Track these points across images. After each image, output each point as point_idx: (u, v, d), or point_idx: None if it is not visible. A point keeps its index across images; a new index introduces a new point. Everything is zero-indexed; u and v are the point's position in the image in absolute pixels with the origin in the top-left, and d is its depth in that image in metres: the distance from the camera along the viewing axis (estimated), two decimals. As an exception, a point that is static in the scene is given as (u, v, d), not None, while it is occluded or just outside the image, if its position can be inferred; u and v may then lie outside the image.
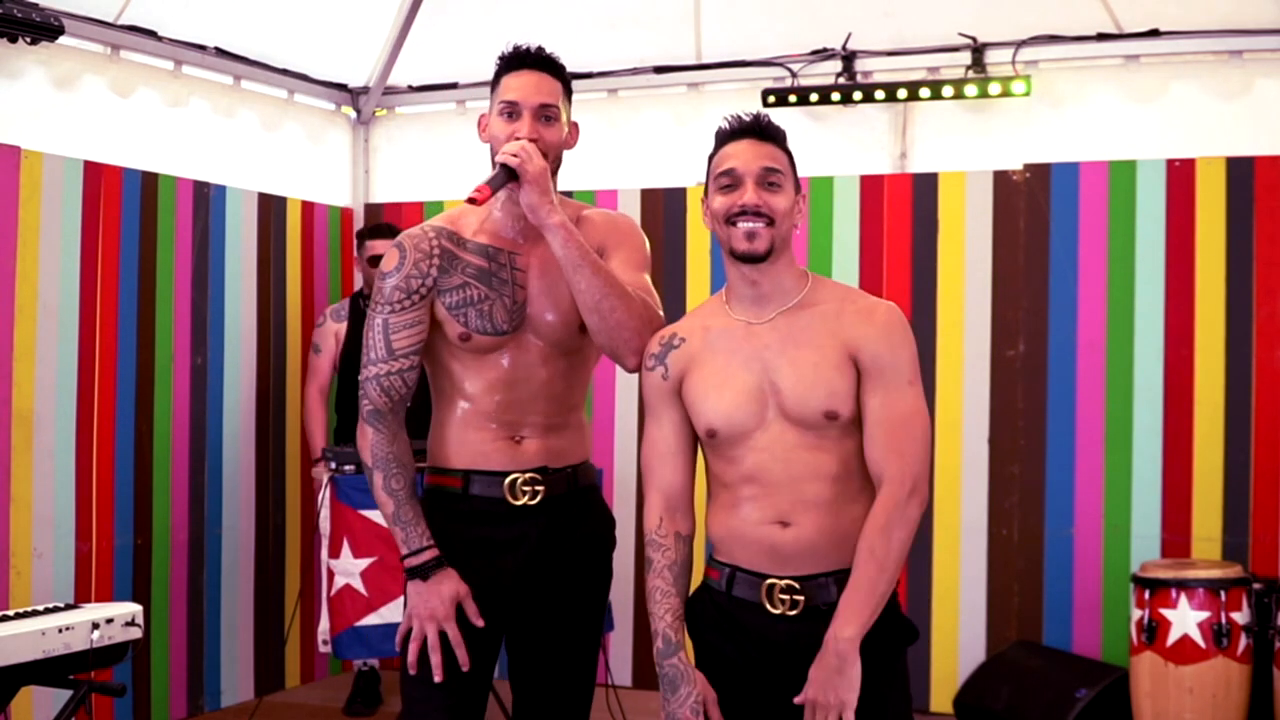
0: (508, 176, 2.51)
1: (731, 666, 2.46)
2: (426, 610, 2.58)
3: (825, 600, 2.38)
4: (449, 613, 2.58)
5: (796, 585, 2.38)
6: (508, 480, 2.65)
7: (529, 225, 2.60)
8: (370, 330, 2.63)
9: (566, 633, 2.73)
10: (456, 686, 2.62)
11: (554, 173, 2.62)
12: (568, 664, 2.73)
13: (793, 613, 2.39)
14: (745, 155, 2.47)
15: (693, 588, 2.57)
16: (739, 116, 2.52)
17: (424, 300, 2.62)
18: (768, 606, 2.40)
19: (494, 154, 2.60)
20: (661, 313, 2.61)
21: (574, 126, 2.70)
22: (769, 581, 2.40)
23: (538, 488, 2.66)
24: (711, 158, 2.55)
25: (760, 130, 2.48)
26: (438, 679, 2.58)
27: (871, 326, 2.41)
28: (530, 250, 2.65)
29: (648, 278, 2.67)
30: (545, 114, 2.61)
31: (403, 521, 2.61)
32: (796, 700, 2.35)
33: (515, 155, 2.50)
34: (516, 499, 2.65)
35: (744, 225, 2.42)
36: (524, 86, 2.60)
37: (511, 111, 2.60)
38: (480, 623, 2.59)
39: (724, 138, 2.53)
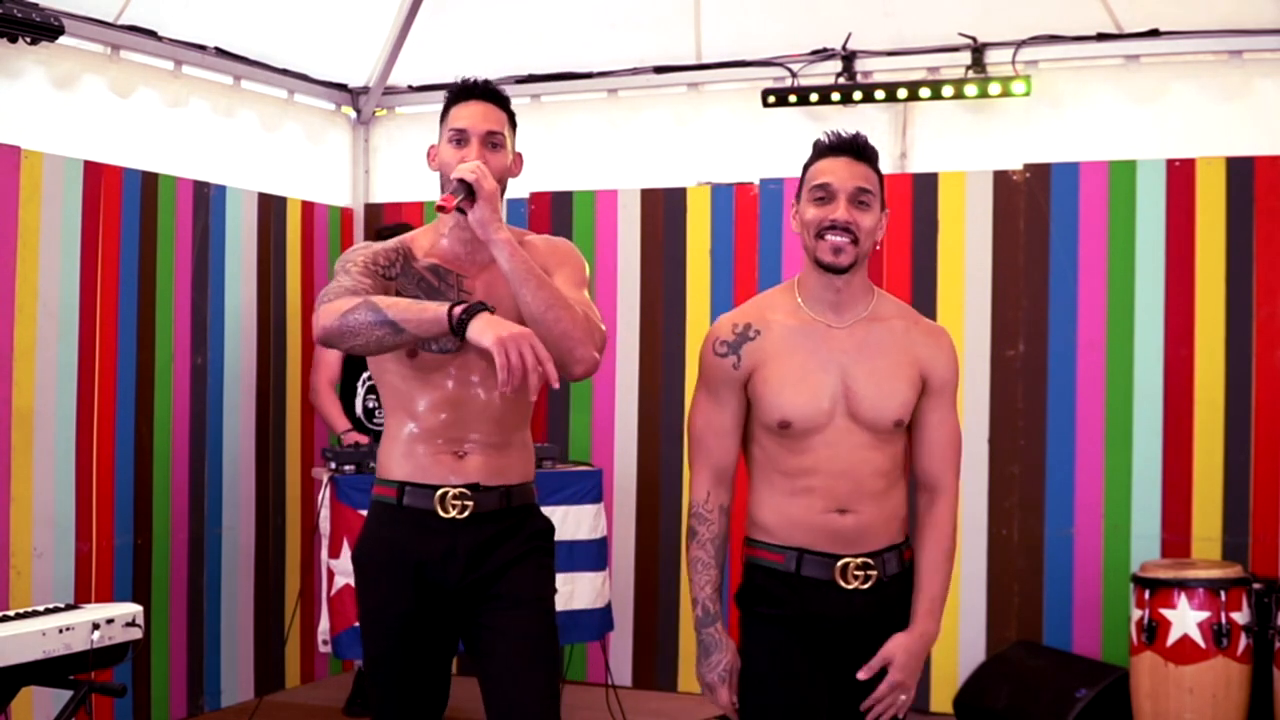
0: (466, 191, 2.60)
1: (794, 639, 2.65)
2: (510, 329, 2.46)
3: (889, 573, 2.67)
4: (529, 329, 2.50)
5: (871, 562, 2.65)
6: (438, 493, 2.70)
7: (476, 249, 2.73)
8: (332, 281, 2.67)
9: (518, 637, 2.73)
10: (415, 692, 2.75)
11: (500, 196, 2.73)
12: (526, 658, 2.71)
13: (865, 586, 2.64)
14: (841, 173, 2.62)
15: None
16: (839, 133, 2.67)
17: (384, 279, 2.69)
18: (841, 583, 2.63)
19: (444, 180, 2.73)
20: (604, 326, 2.69)
21: (518, 157, 2.81)
22: (843, 561, 2.63)
23: (467, 502, 2.70)
24: (806, 167, 2.69)
25: (857, 150, 2.65)
26: (547, 383, 2.46)
27: (940, 351, 2.72)
28: (476, 274, 2.75)
29: (587, 295, 2.77)
30: (491, 140, 2.73)
31: (420, 302, 2.56)
32: (866, 672, 2.62)
33: (472, 172, 2.61)
34: (446, 512, 2.70)
35: (832, 239, 2.60)
36: (472, 116, 2.73)
37: (460, 139, 2.73)
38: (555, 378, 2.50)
39: (822, 151, 2.67)
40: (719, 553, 2.69)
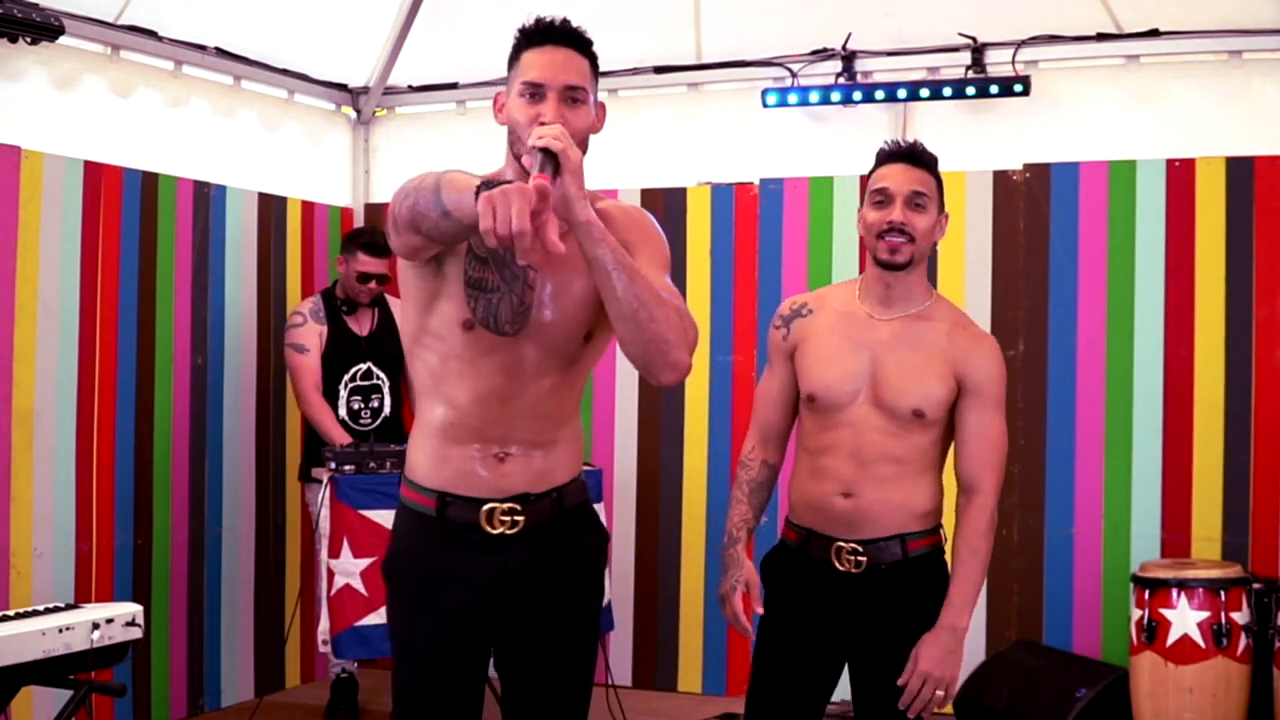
0: (552, 162, 2.15)
1: (801, 614, 2.87)
2: (510, 190, 2.02)
3: (887, 560, 2.81)
4: (526, 187, 2.04)
5: (860, 548, 2.80)
6: (485, 508, 2.41)
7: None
8: (417, 181, 2.25)
9: (556, 661, 2.46)
10: (447, 714, 2.48)
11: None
12: (560, 691, 2.47)
13: (856, 571, 2.81)
14: (898, 178, 2.84)
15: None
16: (898, 142, 2.91)
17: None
18: (836, 565, 2.83)
19: (513, 138, 2.34)
20: (696, 323, 2.36)
21: (601, 108, 2.38)
22: (837, 544, 2.82)
23: (518, 517, 2.42)
24: (870, 175, 2.90)
25: (914, 156, 2.86)
26: (530, 259, 2.16)
27: (980, 355, 2.86)
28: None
29: (670, 282, 2.39)
30: (572, 96, 2.31)
31: (468, 187, 2.11)
32: (904, 678, 2.74)
33: (557, 139, 2.15)
34: (494, 528, 2.42)
35: (889, 239, 2.80)
36: (549, 65, 2.30)
37: (534, 93, 2.30)
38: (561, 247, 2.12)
39: (883, 159, 2.90)
40: (754, 494, 2.95)
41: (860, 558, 2.81)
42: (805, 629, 2.88)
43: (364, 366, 5.04)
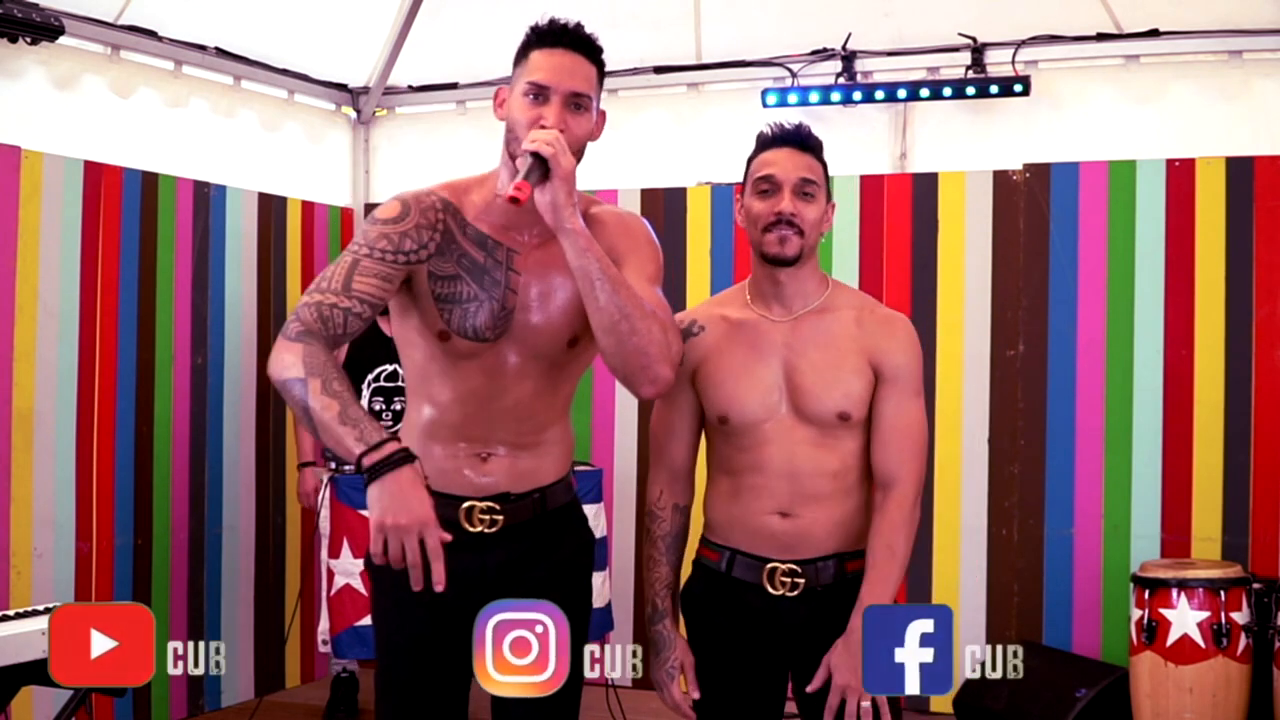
0: (541, 168, 2.21)
1: (727, 641, 2.59)
2: (404, 513, 2.09)
3: (823, 581, 2.53)
4: (430, 515, 2.10)
5: (798, 569, 2.53)
6: (464, 506, 2.39)
7: (532, 220, 2.33)
8: (334, 264, 2.30)
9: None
10: (427, 709, 2.45)
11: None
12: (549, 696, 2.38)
13: (793, 594, 2.53)
14: (785, 164, 2.55)
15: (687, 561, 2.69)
16: (781, 125, 2.60)
17: (408, 265, 2.32)
18: (768, 588, 2.54)
19: (510, 136, 2.34)
20: (680, 335, 2.41)
21: (601, 115, 2.40)
22: (770, 565, 2.54)
23: (496, 516, 2.40)
24: (751, 160, 2.60)
25: (800, 140, 2.58)
26: (418, 588, 2.14)
27: (893, 339, 2.56)
28: (530, 250, 2.38)
29: (660, 293, 2.39)
30: (576, 102, 2.32)
31: (353, 420, 2.14)
32: (814, 684, 2.48)
33: (549, 144, 2.21)
34: (474, 526, 2.39)
35: (777, 231, 2.52)
36: (556, 69, 2.31)
37: (538, 94, 2.31)
38: (447, 537, 2.16)
39: (765, 143, 2.59)
40: (670, 550, 2.64)
41: (798, 579, 2.52)
42: (742, 662, 2.57)
43: (389, 368, 5.03)
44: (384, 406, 5.05)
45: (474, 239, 2.37)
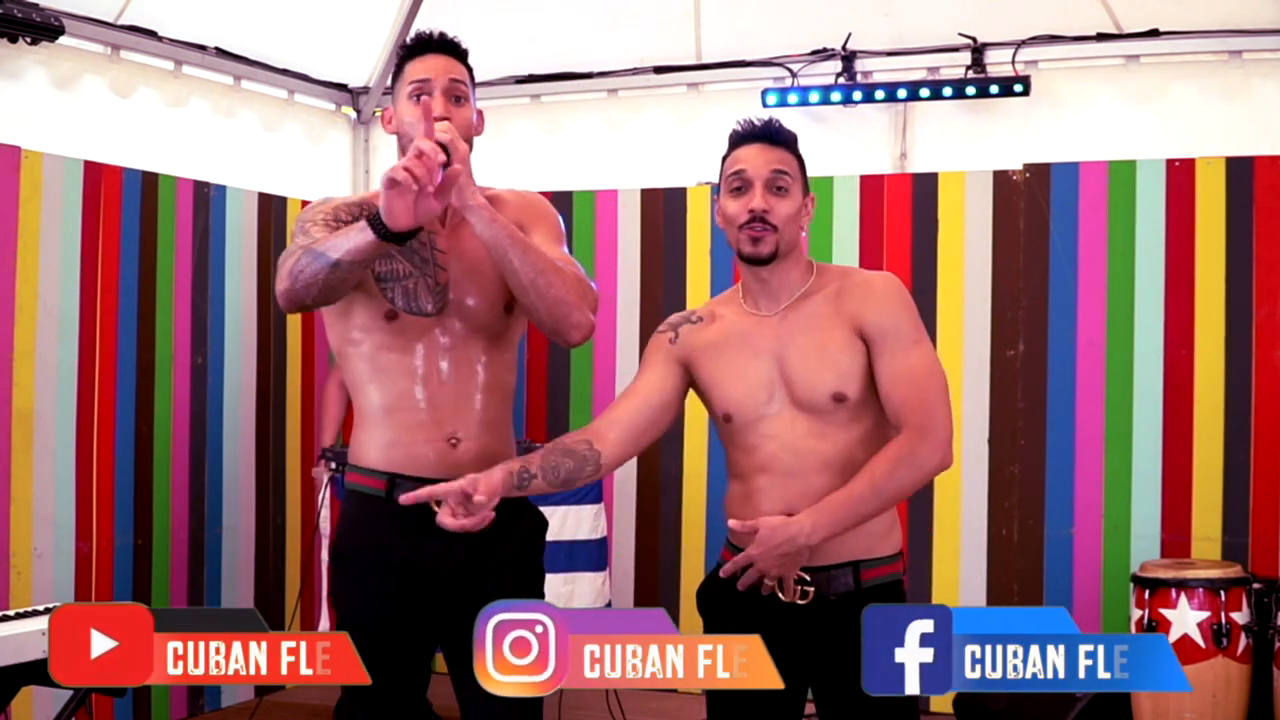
0: (443, 154, 2.37)
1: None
2: (397, 172, 2.32)
3: (835, 591, 2.47)
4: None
5: (807, 577, 2.46)
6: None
7: (446, 209, 2.47)
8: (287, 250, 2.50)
9: None
10: (389, 706, 2.55)
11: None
12: None
13: (802, 602, 2.47)
14: (755, 160, 2.52)
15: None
16: (751, 121, 2.57)
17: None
18: (780, 595, 2.47)
19: (405, 142, 2.55)
20: (595, 285, 2.56)
21: (480, 114, 2.62)
22: None
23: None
24: (724, 159, 2.59)
25: (771, 135, 2.54)
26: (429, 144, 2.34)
27: (870, 297, 2.51)
28: (449, 235, 2.58)
29: (566, 251, 2.59)
30: (455, 93, 2.56)
31: (342, 232, 2.41)
32: (733, 562, 2.43)
33: (445, 131, 2.38)
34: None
35: (750, 229, 2.50)
36: (432, 67, 2.56)
37: (422, 89, 2.55)
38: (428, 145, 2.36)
39: (736, 141, 2.57)
40: (551, 452, 2.47)
41: (808, 587, 2.45)
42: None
43: None
44: None
45: None
